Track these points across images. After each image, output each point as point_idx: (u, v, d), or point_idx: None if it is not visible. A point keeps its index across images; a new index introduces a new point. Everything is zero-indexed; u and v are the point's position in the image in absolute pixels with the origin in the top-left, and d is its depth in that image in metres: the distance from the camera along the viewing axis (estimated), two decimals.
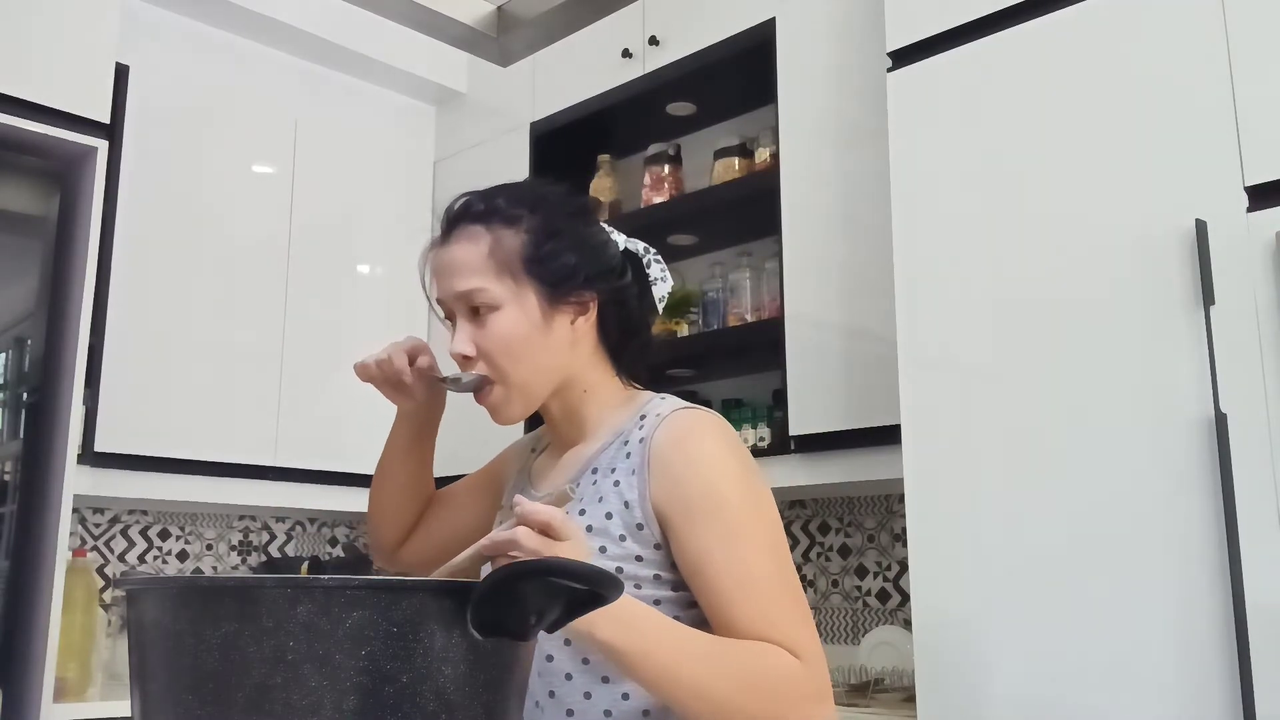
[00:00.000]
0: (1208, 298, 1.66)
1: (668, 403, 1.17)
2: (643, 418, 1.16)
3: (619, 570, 1.08)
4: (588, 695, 1.09)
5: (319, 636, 0.69)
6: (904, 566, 2.57)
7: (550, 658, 1.11)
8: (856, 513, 2.77)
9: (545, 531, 0.88)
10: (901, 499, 1.99)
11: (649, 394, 1.22)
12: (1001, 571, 1.83)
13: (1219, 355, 1.64)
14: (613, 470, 1.13)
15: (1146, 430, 1.70)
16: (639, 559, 1.09)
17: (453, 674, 0.73)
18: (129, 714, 0.76)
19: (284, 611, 0.69)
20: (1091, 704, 1.69)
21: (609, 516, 1.10)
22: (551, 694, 1.10)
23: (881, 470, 2.29)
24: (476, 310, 1.13)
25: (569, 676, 1.10)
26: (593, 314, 1.18)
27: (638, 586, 1.09)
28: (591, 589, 0.78)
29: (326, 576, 0.70)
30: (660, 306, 1.26)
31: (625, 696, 1.08)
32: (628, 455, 1.13)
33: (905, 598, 2.62)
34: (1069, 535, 1.76)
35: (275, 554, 3.41)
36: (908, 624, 2.45)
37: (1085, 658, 1.71)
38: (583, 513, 1.12)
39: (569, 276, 1.15)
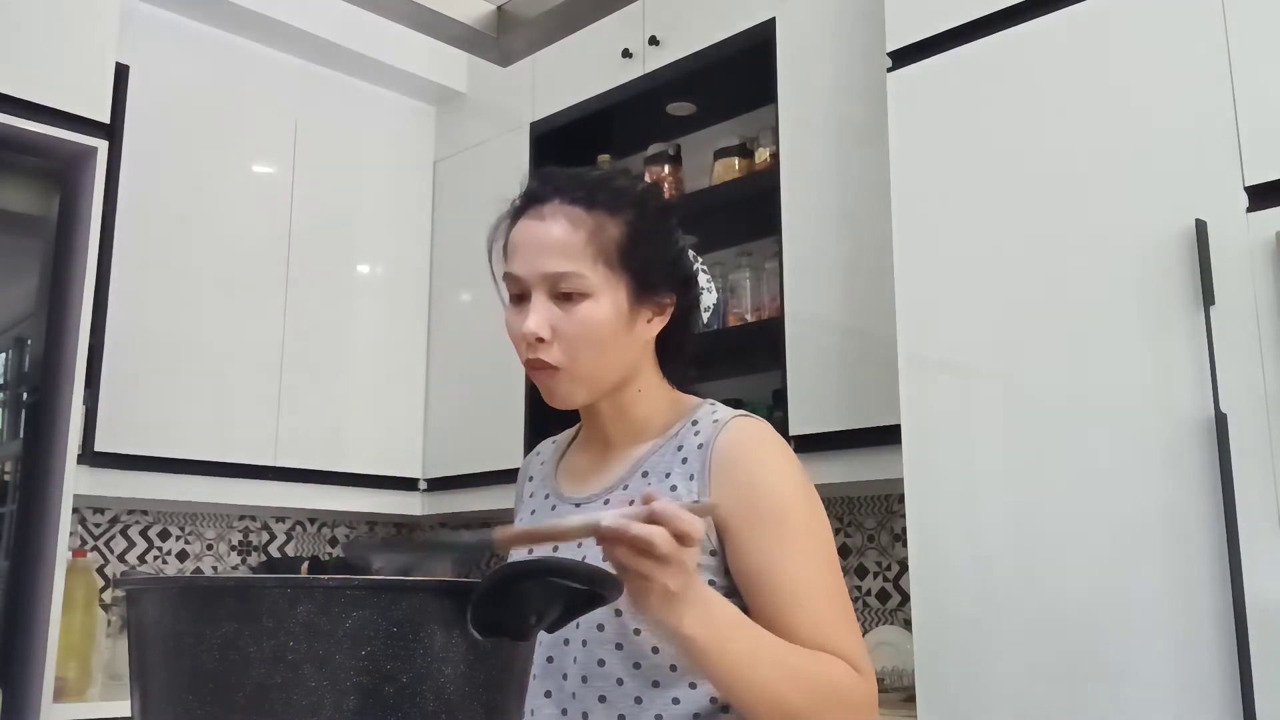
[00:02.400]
0: (1208, 298, 1.66)
1: (720, 409, 1.17)
2: (694, 422, 1.16)
3: None
4: (639, 700, 1.08)
5: (319, 636, 0.69)
6: (904, 566, 2.57)
7: (602, 662, 1.09)
8: (856, 513, 2.77)
9: (682, 539, 0.86)
10: (901, 499, 1.98)
11: (693, 398, 1.22)
12: (1001, 571, 1.82)
13: (1219, 355, 1.64)
14: (667, 475, 1.13)
15: (1146, 430, 1.70)
16: (696, 564, 1.09)
17: (453, 674, 0.73)
18: (129, 714, 0.76)
19: (284, 611, 0.69)
20: (1091, 704, 1.69)
21: None
22: (602, 699, 1.08)
23: (881, 470, 2.29)
24: (562, 293, 1.10)
25: (620, 681, 1.08)
26: (667, 316, 1.17)
27: None
28: (591, 589, 0.78)
29: (326, 576, 0.70)
30: (705, 316, 1.27)
31: (676, 701, 1.07)
32: (683, 460, 1.12)
33: (905, 598, 2.62)
34: (1069, 535, 1.76)
35: (275, 554, 3.41)
36: (908, 624, 2.44)
37: (1085, 658, 1.71)
38: None
39: (661, 276, 1.15)
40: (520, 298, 1.13)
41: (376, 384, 3.28)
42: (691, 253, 1.25)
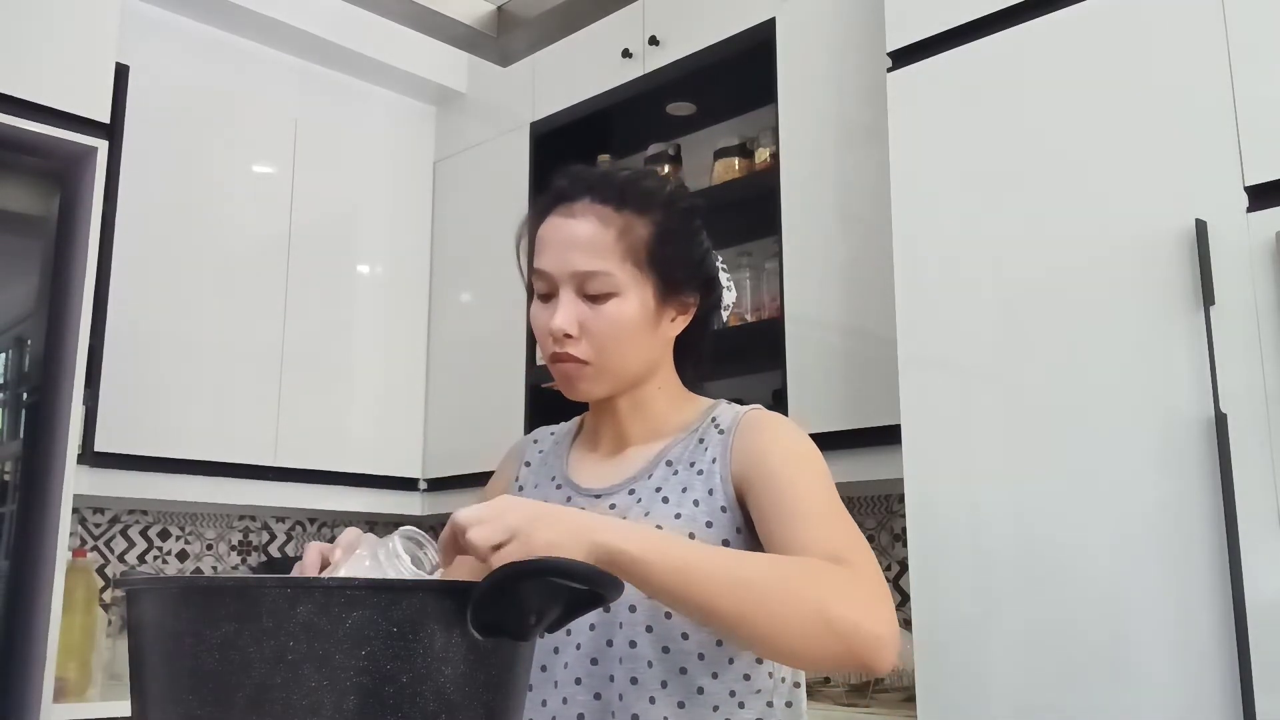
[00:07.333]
0: (1208, 298, 1.66)
1: (739, 406, 1.21)
2: (714, 419, 1.18)
3: None
4: (664, 684, 1.08)
5: (319, 636, 0.69)
6: (904, 566, 2.57)
7: (633, 643, 1.09)
8: (857, 513, 2.77)
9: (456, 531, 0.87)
10: (901, 499, 1.98)
11: (707, 399, 1.25)
12: (1001, 571, 1.82)
13: (1219, 355, 1.64)
14: (692, 464, 1.15)
15: (1146, 430, 1.70)
16: (726, 543, 1.11)
17: (453, 674, 0.73)
18: (129, 714, 0.76)
19: (284, 611, 0.69)
20: (1091, 704, 1.69)
21: (696, 504, 1.12)
22: (634, 680, 1.08)
23: (881, 470, 2.29)
24: (590, 292, 1.12)
25: (650, 664, 1.08)
26: (690, 316, 1.20)
27: None
28: (591, 589, 0.78)
29: (327, 576, 0.70)
30: (725, 315, 1.29)
31: (700, 690, 1.08)
32: (706, 449, 1.15)
33: (905, 598, 2.61)
34: (1068, 535, 1.76)
35: (275, 554, 3.41)
36: (908, 624, 2.44)
37: (1085, 658, 1.71)
38: (666, 500, 1.13)
39: (686, 276, 1.17)
40: (548, 294, 1.15)
41: (376, 384, 3.28)
42: (714, 252, 1.27)
